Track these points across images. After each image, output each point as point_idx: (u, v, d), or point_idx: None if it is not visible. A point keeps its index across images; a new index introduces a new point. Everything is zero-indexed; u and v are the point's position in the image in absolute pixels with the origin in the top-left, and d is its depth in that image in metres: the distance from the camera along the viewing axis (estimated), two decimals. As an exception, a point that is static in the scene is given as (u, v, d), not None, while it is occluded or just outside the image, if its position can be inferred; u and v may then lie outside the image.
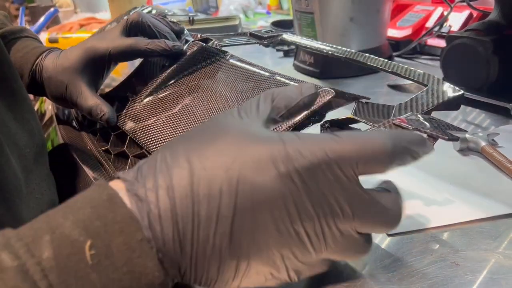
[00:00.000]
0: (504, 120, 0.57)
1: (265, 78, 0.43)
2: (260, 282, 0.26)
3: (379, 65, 0.45)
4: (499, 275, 0.31)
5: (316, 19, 0.81)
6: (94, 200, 0.23)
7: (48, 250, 0.21)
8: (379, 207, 0.26)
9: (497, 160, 0.45)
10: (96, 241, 0.21)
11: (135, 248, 0.22)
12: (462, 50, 0.63)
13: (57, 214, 0.22)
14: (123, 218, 0.22)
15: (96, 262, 0.21)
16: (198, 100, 0.44)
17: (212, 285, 0.25)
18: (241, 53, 0.52)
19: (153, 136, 0.43)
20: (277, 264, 0.25)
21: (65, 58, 0.49)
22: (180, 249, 0.23)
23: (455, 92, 0.38)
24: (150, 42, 0.49)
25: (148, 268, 0.22)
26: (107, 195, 0.23)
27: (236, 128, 0.26)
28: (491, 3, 0.72)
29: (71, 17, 1.68)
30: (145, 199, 0.23)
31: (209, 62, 0.50)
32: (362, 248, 0.27)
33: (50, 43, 1.10)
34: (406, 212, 0.38)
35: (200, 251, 0.23)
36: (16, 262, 0.20)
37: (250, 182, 0.24)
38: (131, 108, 0.48)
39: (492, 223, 0.37)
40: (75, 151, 0.49)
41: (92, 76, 0.50)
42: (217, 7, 1.68)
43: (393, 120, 0.32)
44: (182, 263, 0.23)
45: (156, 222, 0.23)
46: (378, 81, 0.77)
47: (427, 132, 0.31)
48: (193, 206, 0.23)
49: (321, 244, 0.26)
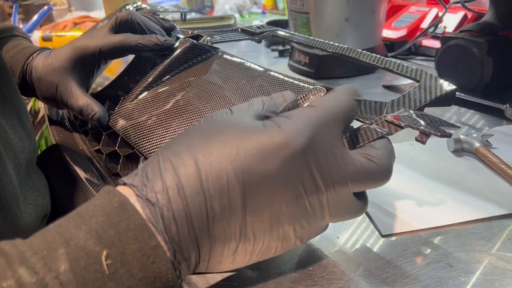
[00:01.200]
0: (498, 121, 0.57)
1: (258, 75, 0.43)
2: (269, 255, 0.28)
3: (372, 61, 0.45)
4: (492, 277, 0.31)
5: (311, 19, 0.80)
6: (105, 208, 0.23)
7: (64, 263, 0.21)
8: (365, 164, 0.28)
9: (491, 161, 0.44)
10: (111, 251, 0.21)
11: (149, 255, 0.22)
12: (456, 51, 0.63)
13: (69, 225, 0.22)
14: (136, 226, 0.22)
15: (112, 272, 0.21)
16: (190, 98, 0.44)
17: (223, 269, 0.27)
18: (236, 52, 0.52)
19: (144, 136, 0.43)
20: (288, 236, 0.27)
21: (55, 58, 0.49)
22: (196, 243, 0.24)
23: (448, 87, 0.38)
24: (141, 37, 0.48)
25: (162, 272, 0.22)
26: (117, 202, 0.23)
27: (232, 122, 0.27)
28: (485, 5, 0.72)
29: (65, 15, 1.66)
30: (156, 202, 0.24)
31: (200, 59, 0.49)
32: (358, 206, 0.30)
33: (43, 41, 1.09)
34: (400, 213, 0.38)
35: (217, 243, 0.25)
36: (34, 277, 0.20)
37: (256, 169, 0.25)
38: (122, 107, 0.48)
39: (486, 224, 0.37)
40: (66, 151, 0.49)
41: (82, 76, 0.49)
42: (212, 6, 1.67)
43: (385, 117, 0.32)
44: (199, 255, 0.25)
45: (171, 225, 0.23)
46: (373, 81, 0.77)
47: (420, 128, 0.30)
48: (206, 203, 0.24)
49: (325, 212, 0.28)
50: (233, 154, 0.25)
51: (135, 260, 0.22)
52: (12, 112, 0.41)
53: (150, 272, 0.22)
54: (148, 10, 0.57)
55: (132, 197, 0.24)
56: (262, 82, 0.41)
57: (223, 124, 0.27)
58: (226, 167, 0.24)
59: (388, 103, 0.37)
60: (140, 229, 0.22)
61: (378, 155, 0.29)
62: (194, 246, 0.24)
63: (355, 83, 0.78)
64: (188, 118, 0.42)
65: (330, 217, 0.28)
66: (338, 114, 0.28)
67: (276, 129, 0.26)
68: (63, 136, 0.53)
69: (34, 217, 0.39)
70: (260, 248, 0.27)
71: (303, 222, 0.27)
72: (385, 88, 0.73)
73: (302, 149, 0.26)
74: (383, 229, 0.37)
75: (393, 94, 0.71)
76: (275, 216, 0.26)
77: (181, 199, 0.24)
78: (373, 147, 0.30)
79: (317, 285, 0.31)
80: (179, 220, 0.24)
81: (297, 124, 0.26)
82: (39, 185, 0.42)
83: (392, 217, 0.38)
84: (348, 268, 0.32)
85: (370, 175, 0.29)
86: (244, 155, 0.25)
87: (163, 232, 0.23)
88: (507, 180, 0.42)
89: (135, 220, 0.23)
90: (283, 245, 0.28)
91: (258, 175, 0.25)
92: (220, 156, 0.25)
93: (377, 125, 0.32)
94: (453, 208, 0.39)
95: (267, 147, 0.25)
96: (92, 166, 0.45)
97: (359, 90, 0.31)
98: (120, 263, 0.21)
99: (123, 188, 0.25)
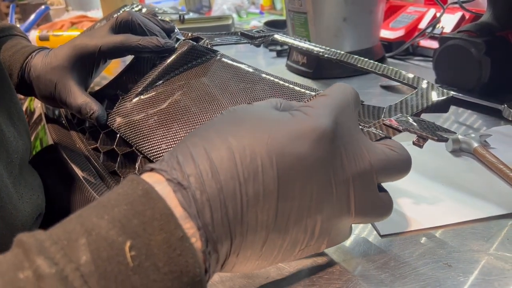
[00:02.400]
0: (496, 122, 0.57)
1: (257, 79, 0.43)
2: (293, 253, 0.27)
3: (370, 68, 0.45)
4: (491, 276, 0.31)
5: (309, 19, 0.80)
6: (128, 196, 0.22)
7: (86, 253, 0.19)
8: (388, 153, 0.29)
9: (489, 162, 0.45)
10: (135, 241, 0.20)
11: (176, 246, 0.21)
12: (454, 51, 0.63)
13: (91, 214, 0.21)
14: (162, 215, 0.21)
15: (137, 264, 0.20)
16: (189, 99, 0.44)
17: (248, 268, 0.26)
18: (234, 53, 0.52)
19: (143, 134, 0.43)
20: (313, 231, 0.27)
21: (54, 56, 0.48)
22: (229, 231, 0.23)
23: (443, 95, 0.39)
24: (142, 39, 0.48)
25: (189, 265, 0.21)
26: (142, 190, 0.22)
27: (257, 111, 0.27)
28: (483, 5, 0.72)
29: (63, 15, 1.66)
30: (189, 186, 0.22)
31: (199, 61, 0.49)
32: (382, 204, 0.30)
33: (40, 41, 1.09)
34: (398, 213, 0.38)
35: (249, 232, 0.24)
36: (54, 268, 0.18)
37: (289, 153, 0.25)
38: (121, 106, 0.48)
39: (485, 224, 0.37)
40: (64, 150, 0.48)
41: (81, 74, 0.49)
42: (210, 6, 1.67)
43: (383, 121, 0.32)
44: (230, 245, 0.24)
45: (205, 209, 0.22)
46: (371, 81, 0.77)
47: (417, 132, 0.31)
48: (240, 187, 0.23)
49: (351, 204, 0.28)
50: (265, 138, 0.25)
51: (161, 252, 0.20)
52: (3, 111, 0.40)
53: (177, 266, 0.20)
54: (148, 11, 0.57)
55: (161, 183, 0.23)
56: (263, 86, 0.42)
57: (249, 113, 0.27)
58: (259, 150, 0.24)
59: (386, 108, 0.37)
60: (166, 218, 0.21)
61: (397, 145, 0.30)
62: (227, 234, 0.23)
63: (353, 83, 0.78)
64: (188, 119, 0.42)
65: (355, 212, 0.28)
66: (349, 100, 0.29)
67: (303, 115, 0.27)
68: (60, 134, 0.53)
69: (29, 216, 0.38)
70: (288, 242, 0.26)
71: (330, 212, 0.27)
72: (383, 88, 0.73)
73: (330, 132, 0.26)
74: (382, 229, 0.37)
75: (391, 94, 0.71)
76: (305, 203, 0.25)
77: (215, 182, 0.23)
78: (388, 139, 0.31)
79: (316, 285, 0.31)
80: (214, 204, 0.22)
81: (321, 110, 0.27)
82: (33, 184, 0.42)
83: (390, 217, 0.38)
84: (346, 268, 0.32)
85: (393, 164, 0.29)
86: (276, 138, 0.25)
87: (196, 217, 0.22)
88: (505, 180, 0.42)
89: (161, 209, 0.21)
90: (308, 242, 0.27)
91: (291, 158, 0.25)
92: (253, 140, 0.24)
93: (376, 128, 0.32)
94: (451, 208, 0.39)
95: (298, 131, 0.25)
96: (89, 165, 0.45)
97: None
98: (145, 255, 0.20)
99: (151, 174, 0.24)
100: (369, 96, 0.71)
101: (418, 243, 0.35)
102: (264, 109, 0.28)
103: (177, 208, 0.22)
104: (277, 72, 0.43)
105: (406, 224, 0.37)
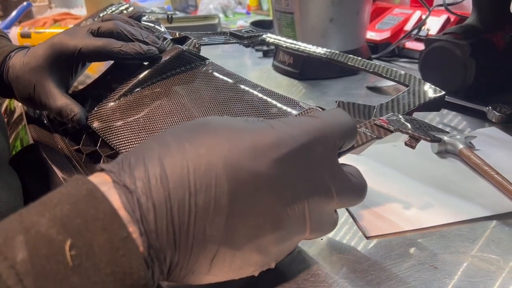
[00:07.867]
0: (481, 123, 0.57)
1: (239, 97, 0.42)
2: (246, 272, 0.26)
3: (361, 66, 0.45)
4: (476, 278, 0.31)
5: (296, 19, 0.80)
6: (72, 196, 0.21)
7: (22, 251, 0.18)
8: (352, 181, 0.28)
9: (474, 163, 0.45)
10: (76, 240, 0.19)
11: (119, 247, 0.20)
12: (440, 53, 0.64)
13: (31, 212, 0.20)
14: (105, 215, 0.20)
15: (77, 264, 0.19)
16: (172, 105, 0.43)
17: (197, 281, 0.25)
18: (220, 53, 0.51)
19: (124, 137, 0.42)
20: (267, 250, 0.25)
21: (32, 56, 0.46)
22: (174, 241, 0.22)
23: (436, 93, 0.38)
24: (124, 45, 0.46)
25: (133, 267, 0.20)
26: (86, 190, 0.21)
27: (223, 121, 0.26)
28: (468, 8, 0.73)
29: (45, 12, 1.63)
30: (135, 190, 0.22)
31: (187, 68, 0.48)
32: (335, 223, 0.29)
33: (22, 38, 1.07)
34: (384, 214, 0.38)
35: (196, 242, 0.23)
36: None
37: (247, 169, 0.23)
38: (104, 108, 0.46)
39: (470, 225, 0.37)
40: (45, 150, 0.47)
41: (60, 75, 0.47)
42: (196, 6, 1.66)
43: (374, 121, 0.31)
44: (174, 257, 0.22)
45: (150, 214, 0.21)
46: (357, 82, 0.77)
47: (409, 133, 0.30)
48: (189, 196, 0.22)
49: (307, 224, 0.26)
50: (224, 149, 0.23)
51: (103, 252, 0.20)
52: None
53: (119, 267, 0.20)
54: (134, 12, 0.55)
55: (107, 184, 0.22)
56: (243, 105, 0.40)
57: (214, 122, 0.26)
58: (216, 162, 0.23)
59: (377, 107, 0.36)
60: (110, 218, 0.20)
61: (357, 173, 0.29)
62: (171, 244, 0.22)
63: (339, 84, 0.78)
64: (169, 124, 0.41)
65: (310, 231, 0.27)
66: (337, 128, 0.28)
67: (270, 130, 0.25)
68: (41, 134, 0.52)
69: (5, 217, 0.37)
70: (240, 259, 0.25)
71: (285, 232, 0.25)
72: (369, 89, 0.73)
73: (293, 154, 0.25)
74: (367, 230, 0.36)
75: (377, 96, 0.71)
76: (259, 222, 0.24)
77: (163, 189, 0.22)
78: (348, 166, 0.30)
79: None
80: (159, 211, 0.21)
81: (292, 129, 0.26)
82: (11, 186, 0.41)
83: (376, 219, 0.38)
84: (332, 270, 0.32)
85: (354, 192, 0.29)
86: (235, 152, 0.23)
87: (139, 221, 0.21)
88: (490, 181, 0.42)
89: (104, 208, 0.20)
90: (263, 261, 0.26)
91: (247, 174, 0.23)
92: (211, 149, 0.23)
93: (366, 128, 0.32)
94: (437, 209, 0.39)
95: (258, 146, 0.24)
96: (70, 165, 0.44)
97: None
98: (86, 255, 0.19)
99: (99, 174, 0.23)
100: (355, 97, 0.71)
101: (404, 245, 0.35)
102: (232, 119, 0.26)
103: (120, 210, 0.21)
104: (264, 72, 0.42)
105: (391, 226, 0.37)
